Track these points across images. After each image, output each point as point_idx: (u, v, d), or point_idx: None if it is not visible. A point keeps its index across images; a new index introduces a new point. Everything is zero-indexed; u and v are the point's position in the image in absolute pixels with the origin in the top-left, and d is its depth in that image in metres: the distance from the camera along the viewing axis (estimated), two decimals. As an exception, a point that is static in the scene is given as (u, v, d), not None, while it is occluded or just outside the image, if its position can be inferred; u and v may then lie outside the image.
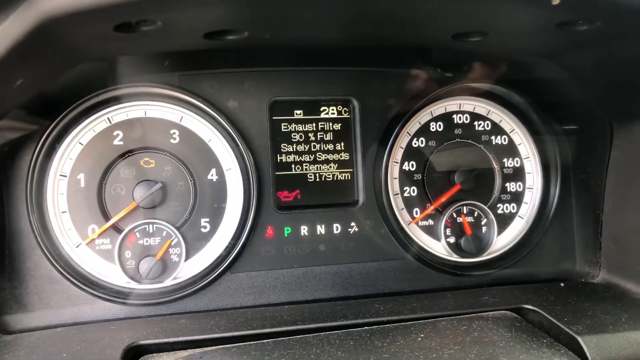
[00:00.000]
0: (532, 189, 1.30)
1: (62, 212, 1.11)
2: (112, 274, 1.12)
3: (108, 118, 1.13)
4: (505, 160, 1.29)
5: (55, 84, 0.96)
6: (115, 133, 1.13)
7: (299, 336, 0.93)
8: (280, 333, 0.95)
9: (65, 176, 1.11)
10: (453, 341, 0.85)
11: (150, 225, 1.14)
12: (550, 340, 0.89)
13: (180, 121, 1.16)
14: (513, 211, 1.29)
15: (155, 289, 1.13)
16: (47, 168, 1.09)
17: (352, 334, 0.91)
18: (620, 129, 1.13)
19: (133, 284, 1.12)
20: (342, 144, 1.23)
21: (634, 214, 1.12)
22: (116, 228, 1.13)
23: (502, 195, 1.29)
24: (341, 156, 1.23)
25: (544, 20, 0.82)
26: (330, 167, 1.22)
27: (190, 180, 1.16)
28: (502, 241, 1.28)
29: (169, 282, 1.13)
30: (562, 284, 1.20)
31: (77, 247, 1.11)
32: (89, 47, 0.84)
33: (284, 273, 1.18)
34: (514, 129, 1.29)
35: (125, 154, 1.14)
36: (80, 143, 1.12)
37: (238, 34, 0.87)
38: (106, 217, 1.12)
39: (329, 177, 1.22)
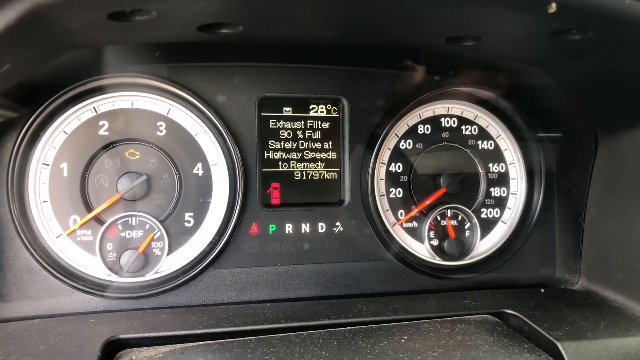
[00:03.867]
0: (515, 194, 1.31)
1: (44, 202, 1.09)
2: (92, 266, 1.10)
3: (94, 107, 1.11)
4: (490, 165, 1.30)
5: (41, 70, 0.94)
6: (100, 123, 1.11)
7: (281, 334, 0.92)
8: (263, 331, 0.95)
9: (48, 165, 1.09)
10: (437, 344, 0.85)
11: (133, 218, 1.12)
12: (531, 345, 0.90)
13: (167, 114, 1.14)
14: (496, 216, 1.31)
15: (136, 283, 1.11)
16: (29, 156, 1.07)
17: (335, 333, 0.91)
18: (605, 139, 1.14)
19: (113, 277, 1.10)
20: (330, 143, 1.23)
21: (616, 224, 1.14)
22: (98, 219, 1.11)
23: (486, 200, 1.30)
24: (328, 155, 1.23)
25: (538, 27, 0.82)
26: (317, 165, 1.22)
27: (176, 174, 1.15)
28: (484, 245, 1.30)
29: (150, 276, 1.12)
30: (542, 290, 1.21)
31: (57, 237, 1.09)
32: (81, 34, 0.82)
33: (267, 270, 1.17)
34: (500, 135, 1.30)
35: (110, 145, 1.12)
36: (64, 132, 1.10)
37: (233, 27, 0.86)
38: (88, 208, 1.11)
39: (316, 176, 1.22)
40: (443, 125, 1.28)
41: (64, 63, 0.96)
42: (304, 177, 1.21)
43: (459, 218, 1.27)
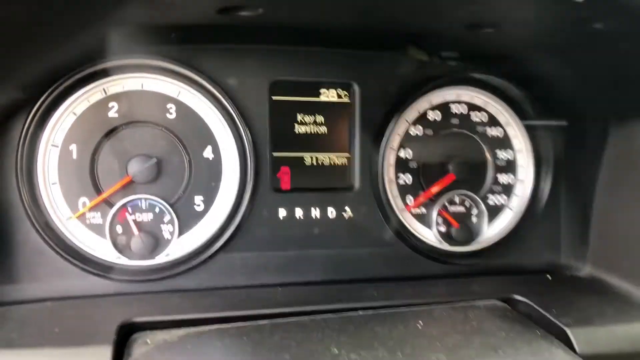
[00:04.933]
0: (523, 182, 1.31)
1: (53, 184, 1.08)
2: (102, 249, 1.10)
3: (104, 89, 1.09)
4: (498, 152, 1.30)
5: (60, 50, 0.92)
6: (110, 105, 1.10)
7: (296, 319, 0.92)
8: (276, 315, 0.95)
9: (57, 147, 1.08)
10: (453, 329, 0.86)
11: (143, 201, 1.11)
12: (544, 332, 0.91)
13: (177, 96, 1.13)
14: (503, 203, 1.31)
15: (146, 266, 1.11)
16: (38, 138, 1.06)
17: (350, 318, 0.92)
18: (616, 128, 1.15)
19: (123, 260, 1.10)
20: (341, 128, 1.22)
21: (623, 212, 1.15)
22: (108, 202, 1.10)
23: (493, 187, 1.30)
24: (339, 140, 1.22)
25: (561, 16, 0.82)
26: (328, 151, 1.22)
27: (186, 157, 1.14)
28: (491, 232, 1.30)
29: (160, 259, 1.12)
30: (548, 276, 1.22)
31: (67, 220, 1.09)
32: (104, 10, 0.80)
33: (277, 255, 1.17)
34: (509, 122, 1.30)
35: (120, 127, 1.10)
36: (73, 113, 1.08)
37: (252, 10, 0.85)
38: (98, 190, 1.10)
39: (326, 161, 1.22)
40: (453, 111, 1.28)
41: (75, 44, 0.95)
42: (314, 162, 1.21)
43: (467, 204, 1.28)
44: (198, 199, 1.14)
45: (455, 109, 1.28)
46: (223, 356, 0.82)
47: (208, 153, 1.15)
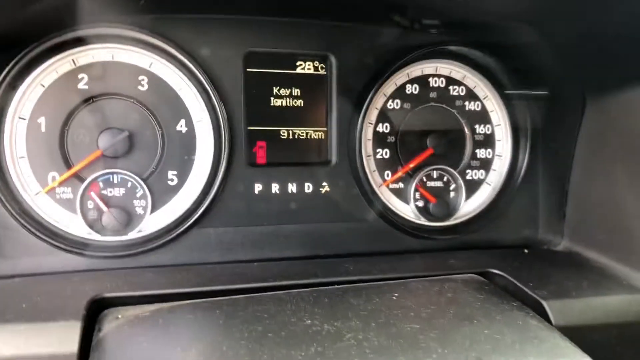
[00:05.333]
0: (501, 156, 1.31)
1: (20, 157, 1.05)
2: (73, 225, 1.07)
3: (73, 60, 1.06)
4: (477, 126, 1.30)
5: (20, 17, 0.89)
6: (80, 76, 1.07)
7: (271, 293, 0.91)
8: (251, 289, 0.94)
9: (25, 119, 1.04)
10: (428, 301, 0.85)
11: (115, 176, 1.09)
12: (520, 304, 0.91)
13: (149, 67, 1.10)
14: (481, 178, 1.31)
15: (118, 242, 1.09)
16: (4, 110, 1.03)
17: (325, 291, 0.91)
18: (593, 101, 1.14)
19: (95, 236, 1.07)
20: (317, 101, 1.20)
21: (600, 186, 1.15)
22: (78, 177, 1.07)
23: (471, 162, 1.30)
24: (315, 114, 1.20)
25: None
26: (304, 125, 1.20)
27: (158, 131, 1.11)
28: (469, 207, 1.30)
29: (133, 235, 1.09)
30: (525, 251, 1.23)
31: (36, 194, 1.06)
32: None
33: (253, 230, 1.16)
34: (487, 96, 1.29)
35: (90, 99, 1.07)
36: (41, 84, 1.05)
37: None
38: (68, 164, 1.07)
39: (302, 135, 1.20)
40: (431, 85, 1.27)
41: (42, 11, 0.92)
42: (291, 137, 1.19)
43: (445, 179, 1.27)
44: (171, 174, 1.12)
45: (433, 82, 1.27)
46: (195, 329, 0.80)
47: (181, 126, 1.12)
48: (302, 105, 1.19)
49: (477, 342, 0.71)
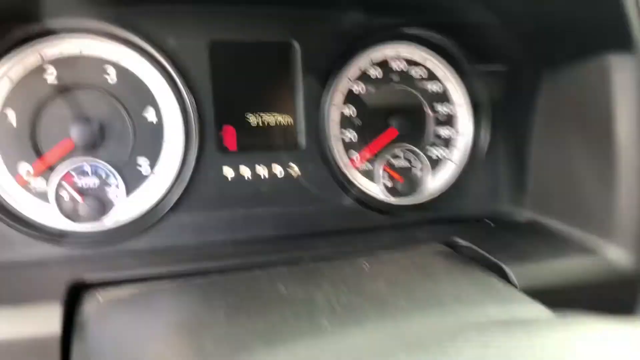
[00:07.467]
0: (463, 134, 1.36)
1: (-8, 151, 1.06)
2: (48, 215, 1.09)
3: (40, 54, 1.07)
4: (438, 106, 1.34)
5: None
6: (47, 69, 1.08)
7: (247, 271, 0.94)
8: (226, 267, 0.97)
9: (-6, 113, 1.06)
10: (396, 267, 0.90)
11: (87, 165, 1.10)
12: (483, 268, 0.96)
13: (116, 59, 1.12)
14: (445, 155, 1.36)
15: (95, 231, 1.11)
16: (-27, 104, 1.04)
17: (300, 267, 0.94)
18: (547, 75, 1.20)
19: (71, 226, 1.09)
20: (283, 87, 1.23)
21: (557, 158, 1.21)
22: (52, 169, 1.09)
23: (435, 140, 1.35)
24: (282, 100, 1.24)
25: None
26: (272, 110, 1.23)
27: (129, 121, 1.13)
28: (434, 184, 1.34)
29: (108, 223, 1.11)
30: (490, 223, 1.28)
31: (9, 187, 1.07)
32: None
33: (226, 214, 1.18)
34: (447, 77, 1.34)
35: (60, 92, 1.09)
36: (8, 77, 1.06)
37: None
38: (40, 157, 1.08)
39: (271, 121, 1.23)
40: (393, 68, 1.31)
41: (7, 2, 0.93)
42: (260, 122, 1.22)
43: (410, 158, 1.31)
44: (143, 162, 1.14)
45: (395, 65, 1.31)
46: (174, 304, 0.83)
47: (151, 116, 1.15)
48: (269, 91, 1.22)
49: (441, 296, 0.76)
